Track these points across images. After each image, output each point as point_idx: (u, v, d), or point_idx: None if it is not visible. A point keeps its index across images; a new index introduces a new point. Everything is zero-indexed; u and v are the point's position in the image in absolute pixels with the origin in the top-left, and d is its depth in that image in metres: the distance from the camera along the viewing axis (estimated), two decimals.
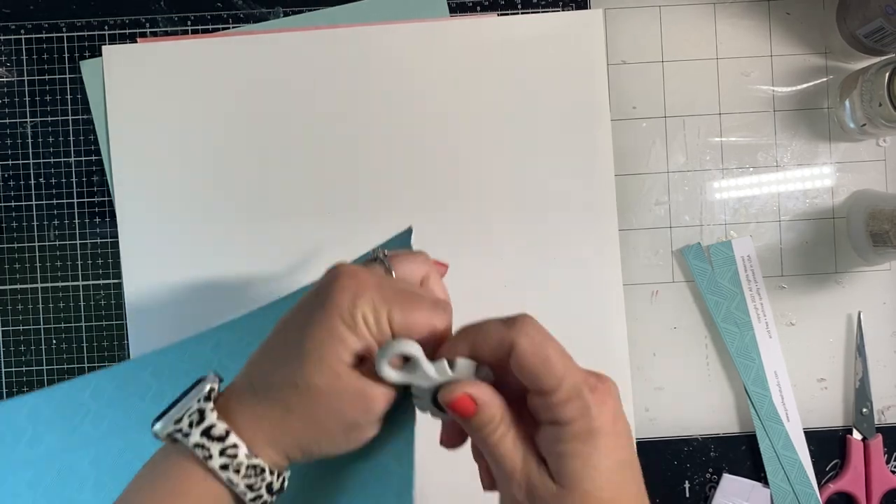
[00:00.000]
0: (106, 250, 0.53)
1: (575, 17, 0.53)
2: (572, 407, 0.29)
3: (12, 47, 0.53)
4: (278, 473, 0.33)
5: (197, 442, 0.31)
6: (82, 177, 0.53)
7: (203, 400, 0.32)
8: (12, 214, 0.53)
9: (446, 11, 0.53)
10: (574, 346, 0.52)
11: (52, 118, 0.53)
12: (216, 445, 0.31)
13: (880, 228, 0.49)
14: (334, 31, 0.52)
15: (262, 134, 0.52)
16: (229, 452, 0.31)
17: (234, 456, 0.31)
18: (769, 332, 0.53)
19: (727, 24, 0.53)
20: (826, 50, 0.53)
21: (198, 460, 0.31)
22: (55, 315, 0.53)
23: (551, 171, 0.52)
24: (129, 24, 0.53)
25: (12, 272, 0.53)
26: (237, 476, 0.31)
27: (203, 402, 0.32)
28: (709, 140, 0.53)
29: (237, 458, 0.31)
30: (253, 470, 0.31)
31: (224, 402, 0.33)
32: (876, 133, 0.51)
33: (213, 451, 0.31)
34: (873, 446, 0.52)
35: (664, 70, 0.53)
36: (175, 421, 0.31)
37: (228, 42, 0.52)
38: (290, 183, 0.52)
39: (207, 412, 0.31)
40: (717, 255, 0.53)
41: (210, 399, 0.32)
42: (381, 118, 0.52)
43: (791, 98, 0.53)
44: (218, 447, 0.31)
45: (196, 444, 0.31)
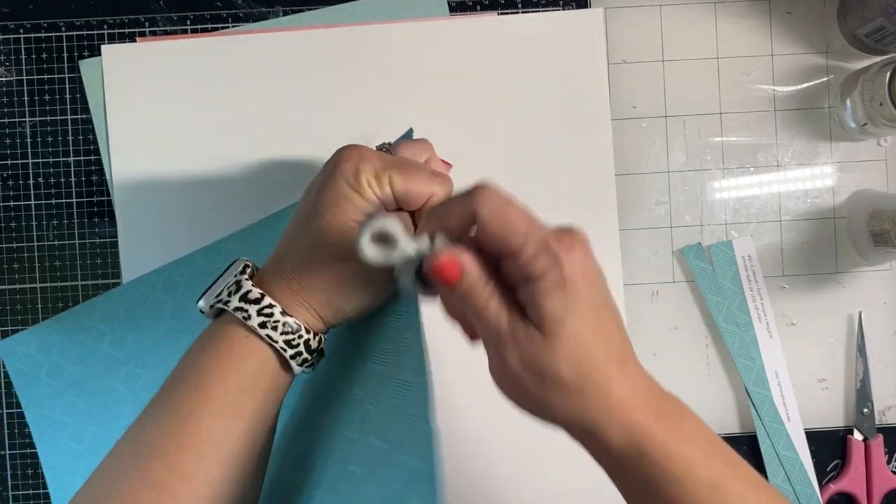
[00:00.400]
0: (105, 250, 0.53)
1: (575, 17, 0.52)
2: (541, 261, 0.30)
3: (11, 47, 0.53)
4: (314, 333, 0.36)
5: (236, 306, 0.35)
6: (81, 176, 0.53)
7: (239, 273, 0.36)
8: (11, 214, 0.53)
9: (446, 10, 0.53)
10: None
11: (51, 118, 0.53)
12: (253, 307, 0.34)
13: (881, 228, 0.49)
14: (334, 31, 0.52)
15: (261, 133, 0.52)
16: (266, 312, 0.34)
17: (270, 315, 0.34)
18: (770, 332, 0.52)
19: (728, 23, 0.53)
20: (827, 49, 0.53)
21: (239, 322, 0.35)
22: (54, 315, 0.53)
23: (551, 170, 0.52)
24: (128, 24, 0.53)
25: (11, 272, 0.53)
26: (275, 333, 0.34)
27: (239, 275, 0.36)
28: (709, 140, 0.53)
29: (273, 316, 0.34)
30: (289, 326, 0.35)
31: (259, 276, 0.37)
32: (877, 133, 0.51)
33: (252, 312, 0.34)
34: (874, 446, 0.52)
35: (664, 69, 0.53)
36: (216, 295, 0.36)
37: (228, 41, 0.52)
38: (290, 182, 0.52)
39: (243, 281, 0.35)
40: (718, 255, 0.53)
41: (244, 272, 0.36)
42: (380, 117, 0.52)
43: (792, 97, 0.53)
44: (255, 308, 0.34)
45: (236, 308, 0.35)
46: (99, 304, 0.49)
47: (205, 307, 0.36)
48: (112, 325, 0.49)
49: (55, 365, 0.49)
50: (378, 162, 0.35)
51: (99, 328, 0.49)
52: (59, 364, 0.49)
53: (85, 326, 0.49)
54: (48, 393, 0.49)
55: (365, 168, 0.35)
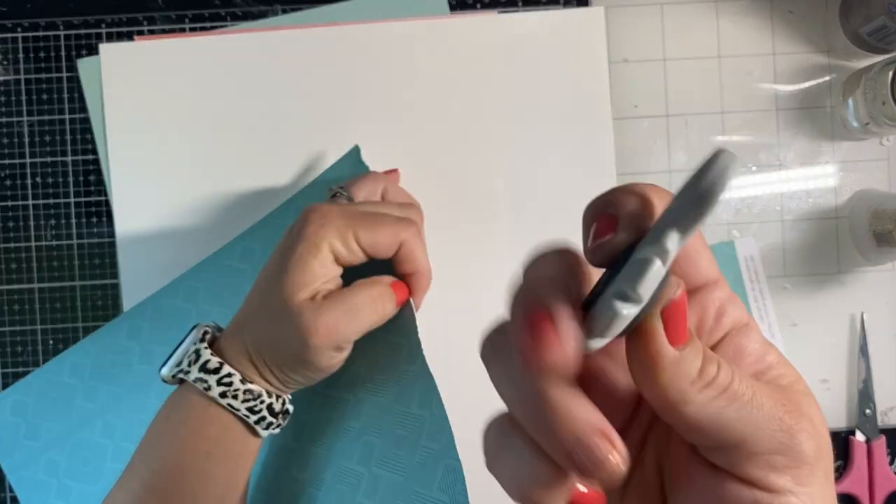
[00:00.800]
0: (103, 250, 0.52)
1: (576, 15, 0.52)
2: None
3: (9, 45, 0.53)
4: (277, 396, 0.36)
5: (196, 377, 0.35)
6: (79, 176, 0.53)
7: (198, 342, 0.36)
8: (8, 214, 0.53)
9: (446, 9, 0.52)
10: None
11: (49, 117, 0.53)
12: (213, 377, 0.35)
13: (883, 228, 0.49)
14: (333, 29, 0.52)
15: (260, 133, 0.52)
16: (225, 381, 0.35)
17: (229, 384, 0.35)
18: (772, 332, 0.52)
19: (729, 22, 0.53)
20: (829, 48, 0.53)
21: (200, 392, 0.35)
22: (52, 315, 0.52)
23: (552, 170, 0.52)
24: (126, 23, 0.53)
25: (9, 272, 0.53)
26: (236, 401, 0.35)
27: (198, 344, 0.36)
28: (711, 139, 0.53)
29: (233, 385, 0.35)
30: (250, 394, 0.35)
31: (219, 342, 0.37)
32: (879, 132, 0.51)
33: (212, 382, 0.35)
34: (876, 447, 0.52)
35: (666, 68, 0.53)
36: (177, 363, 0.36)
37: (226, 40, 0.52)
38: (288, 180, 0.52)
39: (202, 350, 0.35)
40: (720, 256, 0.52)
41: (204, 340, 0.36)
42: (380, 116, 0.52)
43: (794, 97, 0.53)
44: (215, 378, 0.35)
45: (196, 379, 0.35)
46: (67, 360, 0.50)
47: (167, 376, 0.37)
48: (82, 378, 0.50)
49: (32, 426, 0.50)
50: (341, 220, 0.35)
51: (70, 383, 0.50)
52: (35, 424, 0.50)
53: (56, 383, 0.50)
54: (29, 455, 0.50)
55: (328, 232, 0.35)
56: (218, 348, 0.36)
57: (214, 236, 0.52)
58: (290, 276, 0.35)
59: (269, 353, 0.35)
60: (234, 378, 0.35)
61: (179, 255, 0.52)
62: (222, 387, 0.35)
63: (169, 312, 0.50)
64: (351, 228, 0.35)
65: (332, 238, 0.35)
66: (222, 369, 0.35)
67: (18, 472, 0.49)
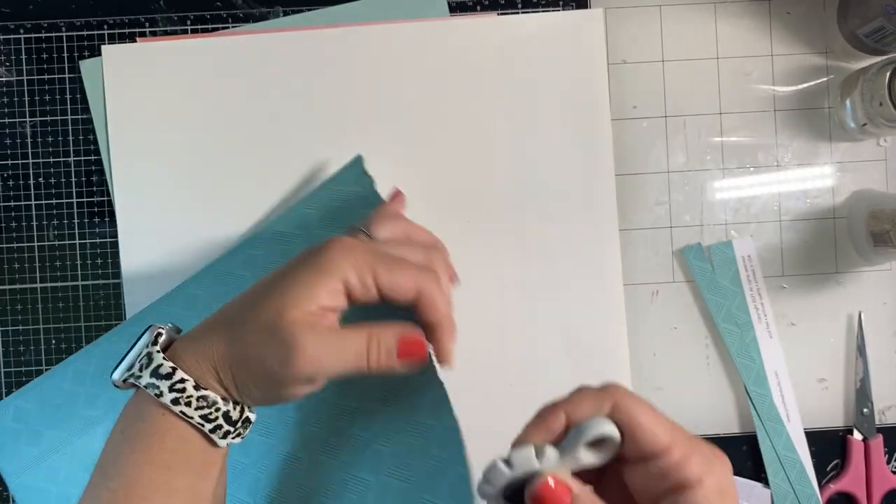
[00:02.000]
0: (105, 250, 0.53)
1: (575, 17, 0.52)
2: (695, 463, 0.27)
3: (11, 47, 0.53)
4: (235, 403, 0.34)
5: (148, 382, 0.33)
6: (82, 177, 0.53)
7: (150, 345, 0.34)
8: (11, 214, 0.53)
9: (446, 11, 0.53)
10: (574, 347, 0.52)
11: (52, 118, 0.53)
12: (165, 383, 0.32)
13: (881, 228, 0.49)
14: (334, 31, 0.52)
15: (261, 133, 0.52)
16: (178, 387, 0.32)
17: (182, 390, 0.32)
18: (770, 332, 0.52)
19: (727, 23, 0.53)
20: (826, 49, 0.53)
21: (154, 400, 0.33)
22: (54, 315, 0.53)
23: (551, 170, 0.52)
24: (128, 24, 0.53)
25: (11, 272, 0.53)
26: (189, 409, 0.32)
27: (150, 347, 0.34)
28: (709, 140, 0.53)
29: (186, 391, 0.32)
30: (204, 401, 0.33)
31: (179, 343, 0.34)
32: (876, 133, 0.51)
33: (163, 388, 0.32)
34: (874, 446, 0.52)
35: (664, 69, 0.53)
36: (128, 367, 0.34)
37: (228, 42, 0.52)
38: (289, 181, 0.52)
39: (154, 354, 0.33)
40: (718, 256, 0.53)
41: (156, 343, 0.34)
42: (380, 118, 0.52)
43: (791, 98, 0.53)
44: (167, 384, 0.32)
45: (147, 385, 0.33)
46: (70, 366, 0.50)
47: (118, 381, 0.34)
48: (84, 384, 0.49)
49: (33, 432, 0.49)
50: (363, 255, 0.34)
51: (72, 390, 0.49)
52: (37, 431, 0.49)
53: (58, 390, 0.49)
54: (29, 461, 0.49)
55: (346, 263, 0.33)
56: (174, 351, 0.34)
57: (215, 236, 0.52)
58: (291, 291, 0.33)
59: (237, 363, 0.33)
60: (186, 384, 0.33)
61: (181, 255, 0.52)
62: (174, 393, 0.32)
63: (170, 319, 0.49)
64: (371, 265, 0.34)
65: (348, 269, 0.33)
66: (175, 374, 0.33)
67: (18, 479, 0.49)
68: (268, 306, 0.33)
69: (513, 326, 0.52)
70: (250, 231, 0.52)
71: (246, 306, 0.34)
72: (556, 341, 0.52)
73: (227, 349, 0.33)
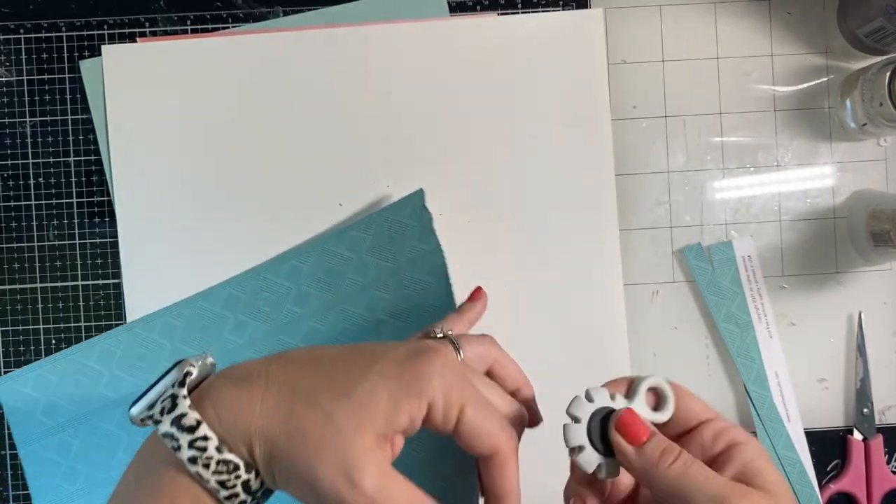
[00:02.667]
0: (105, 250, 0.53)
1: (575, 17, 0.52)
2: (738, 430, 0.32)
3: (11, 47, 0.53)
4: (258, 472, 0.30)
5: (166, 431, 0.29)
6: (82, 177, 0.53)
7: (177, 385, 0.30)
8: (11, 214, 0.53)
9: (446, 11, 0.53)
10: (574, 347, 0.52)
11: (52, 118, 0.53)
12: (185, 437, 0.28)
13: (881, 228, 0.49)
14: (334, 31, 0.52)
15: (261, 133, 0.52)
16: (198, 445, 0.28)
17: (203, 449, 0.28)
18: (770, 332, 0.52)
19: (727, 23, 0.53)
20: (826, 49, 0.53)
21: (169, 452, 0.29)
22: (55, 315, 0.53)
23: (551, 170, 0.52)
24: (128, 24, 0.53)
25: (11, 272, 0.53)
26: (206, 471, 0.28)
27: (176, 388, 0.29)
28: (709, 140, 0.53)
29: (207, 451, 0.28)
30: (225, 465, 0.29)
31: (214, 383, 0.30)
32: (877, 133, 0.51)
33: (183, 443, 0.28)
34: (874, 446, 0.52)
35: (664, 69, 0.53)
36: (149, 406, 0.30)
37: (228, 42, 0.52)
38: (290, 182, 0.52)
39: (179, 399, 0.29)
40: (718, 255, 0.53)
41: (184, 385, 0.30)
42: (380, 118, 0.52)
43: (792, 98, 0.53)
44: (187, 438, 0.28)
45: (165, 434, 0.29)
46: (97, 345, 0.50)
47: (136, 419, 0.30)
48: (109, 366, 0.50)
49: (51, 404, 0.50)
50: (458, 386, 0.30)
51: (96, 368, 0.50)
52: (54, 403, 0.50)
53: (82, 366, 0.50)
54: (43, 431, 0.50)
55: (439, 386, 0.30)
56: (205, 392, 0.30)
57: (216, 236, 0.52)
58: (374, 402, 0.29)
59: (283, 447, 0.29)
60: (209, 444, 0.28)
61: (181, 254, 0.52)
62: (193, 450, 0.28)
63: (206, 317, 0.50)
64: (461, 399, 0.30)
65: (438, 394, 0.29)
66: (198, 429, 0.28)
67: (29, 446, 0.49)
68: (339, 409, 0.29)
69: (513, 326, 0.52)
70: (311, 240, 0.52)
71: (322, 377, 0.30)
72: (556, 341, 0.52)
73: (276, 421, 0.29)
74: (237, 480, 0.29)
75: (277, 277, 0.50)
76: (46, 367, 0.50)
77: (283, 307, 0.50)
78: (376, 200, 0.52)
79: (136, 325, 0.50)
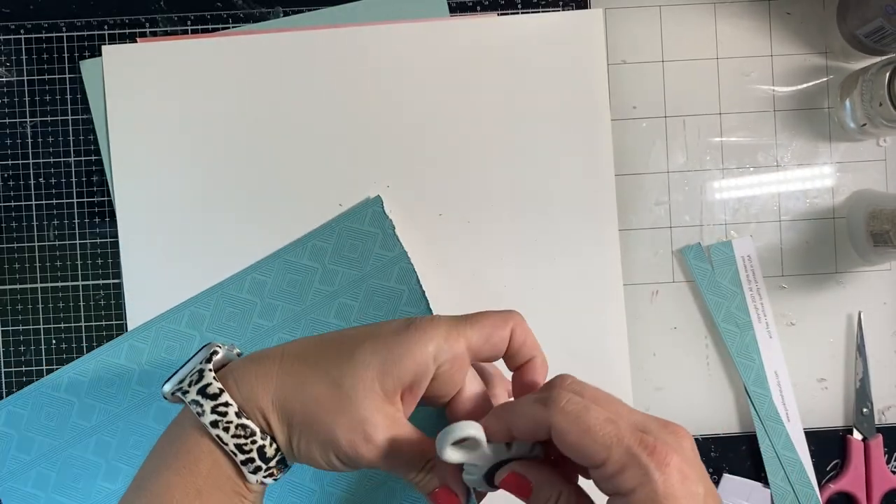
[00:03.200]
0: (106, 250, 0.53)
1: (575, 17, 0.53)
2: (629, 476, 0.27)
3: (12, 47, 0.53)
4: (272, 440, 0.32)
5: (193, 399, 0.32)
6: (82, 177, 0.53)
7: (204, 361, 0.33)
8: (12, 214, 0.53)
9: (446, 11, 0.53)
10: (574, 347, 0.52)
11: (52, 118, 0.53)
12: (209, 402, 0.32)
13: (880, 228, 0.49)
14: (334, 31, 0.52)
15: (262, 133, 0.52)
16: (220, 410, 0.31)
17: (224, 414, 0.31)
18: (769, 332, 0.53)
19: (727, 23, 0.53)
20: (826, 50, 0.53)
21: (195, 419, 0.32)
22: (55, 315, 0.53)
23: (551, 171, 0.52)
24: (128, 24, 0.53)
25: (12, 272, 0.53)
26: (226, 434, 0.31)
27: (203, 364, 0.33)
28: (709, 140, 0.53)
29: (227, 416, 0.31)
30: (242, 429, 0.31)
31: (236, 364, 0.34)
32: (876, 133, 0.51)
33: (206, 408, 0.31)
34: (874, 446, 0.52)
35: (664, 70, 0.53)
36: (179, 381, 0.33)
37: (228, 42, 0.52)
38: (290, 182, 0.52)
39: (206, 372, 0.32)
40: (718, 255, 0.53)
41: (210, 360, 0.33)
42: (380, 118, 0.52)
43: (791, 98, 0.53)
44: (210, 404, 0.31)
45: (192, 401, 0.32)
46: (65, 375, 0.51)
47: (167, 393, 0.34)
48: (79, 395, 0.50)
49: (24, 439, 0.50)
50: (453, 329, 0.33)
51: (66, 399, 0.50)
52: (28, 438, 0.50)
53: (52, 398, 0.50)
54: (19, 467, 0.50)
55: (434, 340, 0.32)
56: (228, 371, 0.33)
57: (216, 236, 0.52)
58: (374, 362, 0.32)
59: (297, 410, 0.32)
60: (229, 409, 0.31)
61: (181, 255, 0.52)
62: (215, 415, 0.31)
63: (171, 337, 0.51)
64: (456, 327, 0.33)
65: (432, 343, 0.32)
66: (220, 396, 0.32)
67: (7, 484, 0.50)
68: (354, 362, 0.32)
69: None
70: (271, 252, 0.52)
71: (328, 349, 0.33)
72: (556, 341, 0.52)
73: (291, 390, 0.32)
74: (253, 445, 0.32)
75: (241, 292, 0.50)
76: (16, 402, 0.50)
77: (250, 321, 0.50)
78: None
79: (101, 353, 0.51)
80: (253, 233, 0.52)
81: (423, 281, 0.50)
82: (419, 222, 0.52)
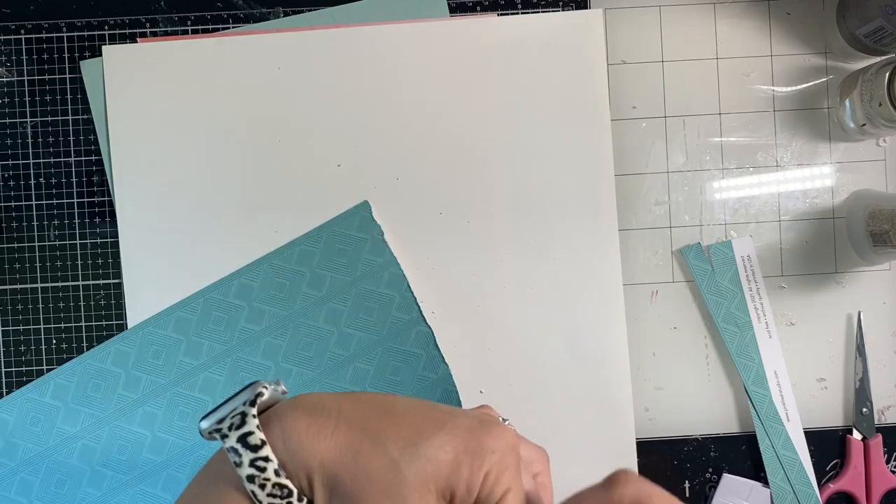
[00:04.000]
0: (106, 250, 0.53)
1: (575, 17, 0.53)
2: None
3: (12, 47, 0.53)
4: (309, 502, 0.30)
5: (232, 446, 0.29)
6: (82, 177, 0.53)
7: (248, 404, 0.30)
8: (12, 214, 0.53)
9: (446, 11, 0.53)
10: (574, 347, 0.52)
11: (52, 118, 0.53)
12: (248, 454, 0.29)
13: (880, 228, 0.49)
14: (334, 31, 0.52)
15: (262, 133, 0.52)
16: (259, 465, 0.29)
17: (262, 469, 0.29)
18: (769, 331, 0.53)
19: (727, 24, 0.53)
20: (826, 50, 0.53)
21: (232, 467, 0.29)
22: (55, 315, 0.53)
23: (551, 171, 0.52)
24: (129, 24, 0.53)
25: (12, 272, 0.53)
26: (261, 491, 0.29)
27: (247, 406, 0.30)
28: (709, 140, 0.53)
29: (266, 471, 0.29)
30: (279, 489, 0.29)
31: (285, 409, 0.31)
32: (876, 133, 0.51)
33: (245, 459, 0.29)
34: (873, 446, 0.52)
35: (664, 70, 0.53)
36: (219, 420, 0.30)
37: (228, 42, 0.52)
38: (290, 182, 0.52)
39: (248, 417, 0.30)
40: (717, 255, 0.53)
41: (255, 405, 0.30)
42: (380, 118, 0.52)
43: (791, 98, 0.53)
44: (250, 456, 0.29)
45: (231, 448, 0.29)
46: (51, 380, 0.51)
47: (205, 431, 0.31)
48: (65, 400, 0.51)
49: (9, 445, 0.50)
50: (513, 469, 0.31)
51: (52, 404, 0.50)
52: (12, 444, 0.50)
53: (38, 403, 0.51)
54: (3, 473, 0.50)
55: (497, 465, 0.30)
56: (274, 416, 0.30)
57: (217, 235, 0.52)
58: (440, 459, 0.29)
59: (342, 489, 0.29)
60: (269, 465, 0.29)
61: (181, 255, 0.52)
62: (253, 469, 0.29)
63: (157, 342, 0.51)
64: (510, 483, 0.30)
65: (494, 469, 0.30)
66: (262, 449, 0.29)
67: None
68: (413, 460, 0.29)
69: (512, 327, 0.52)
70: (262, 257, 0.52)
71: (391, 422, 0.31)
72: (556, 342, 0.52)
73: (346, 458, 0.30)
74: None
75: (227, 297, 0.50)
76: (2, 408, 0.50)
77: (237, 325, 0.50)
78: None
79: (87, 357, 0.51)
80: (253, 232, 0.52)
81: (422, 281, 0.50)
82: (419, 221, 0.52)
